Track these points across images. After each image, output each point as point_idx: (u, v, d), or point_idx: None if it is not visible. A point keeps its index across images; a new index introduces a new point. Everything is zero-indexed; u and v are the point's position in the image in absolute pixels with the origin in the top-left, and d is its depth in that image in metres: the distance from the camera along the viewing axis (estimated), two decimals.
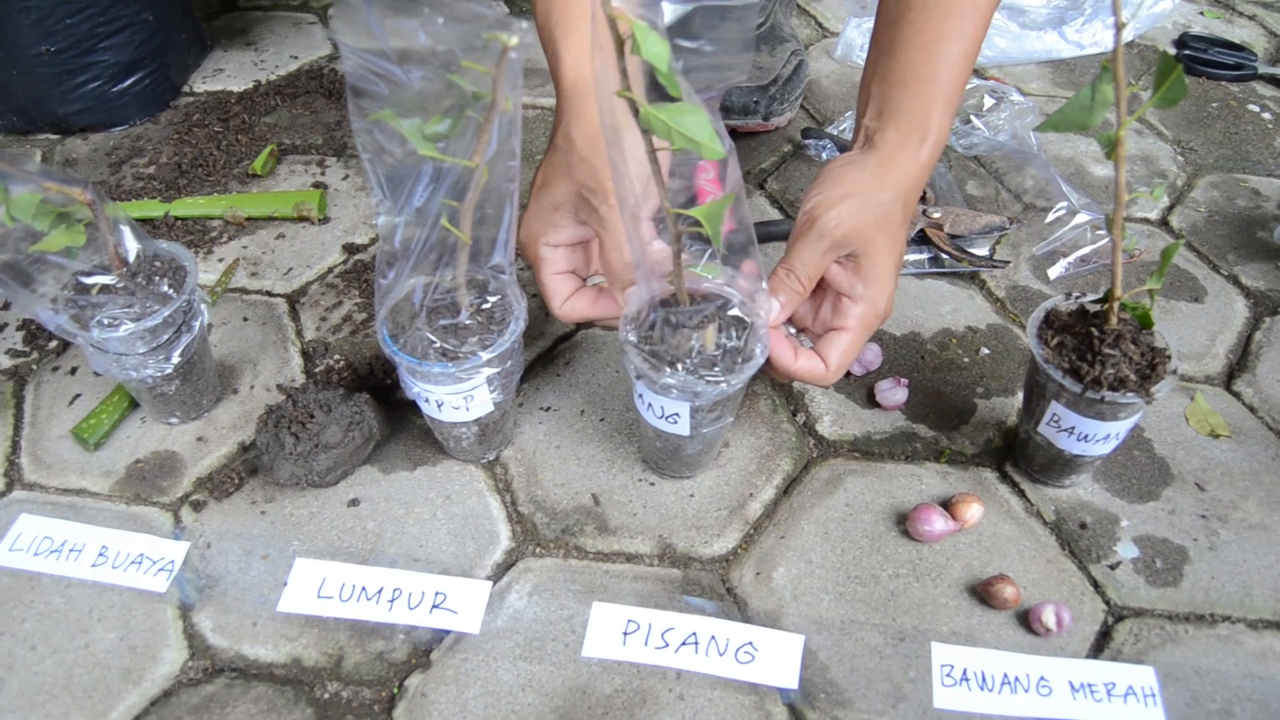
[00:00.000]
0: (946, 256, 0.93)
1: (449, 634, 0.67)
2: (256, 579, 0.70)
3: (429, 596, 0.68)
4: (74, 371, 0.85)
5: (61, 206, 0.66)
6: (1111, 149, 0.57)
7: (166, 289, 0.71)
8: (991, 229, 0.95)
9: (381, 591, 0.68)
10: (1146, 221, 1.01)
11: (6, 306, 0.92)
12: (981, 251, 0.95)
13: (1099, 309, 0.66)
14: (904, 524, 0.72)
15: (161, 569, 0.70)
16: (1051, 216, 0.99)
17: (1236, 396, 0.82)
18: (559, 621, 0.67)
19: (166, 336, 0.72)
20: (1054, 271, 0.94)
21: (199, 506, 0.74)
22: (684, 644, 0.65)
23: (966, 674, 0.64)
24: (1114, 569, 0.70)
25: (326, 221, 1.01)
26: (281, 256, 0.97)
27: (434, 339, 0.66)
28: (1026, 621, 0.66)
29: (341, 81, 1.22)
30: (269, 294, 0.93)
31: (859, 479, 0.76)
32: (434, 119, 0.55)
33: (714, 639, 0.65)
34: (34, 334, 0.88)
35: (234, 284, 0.94)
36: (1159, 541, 0.72)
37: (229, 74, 1.24)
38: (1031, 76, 1.23)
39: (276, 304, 0.92)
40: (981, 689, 0.63)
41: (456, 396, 0.68)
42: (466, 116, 0.55)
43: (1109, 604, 0.68)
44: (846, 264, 0.68)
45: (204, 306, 0.75)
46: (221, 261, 0.96)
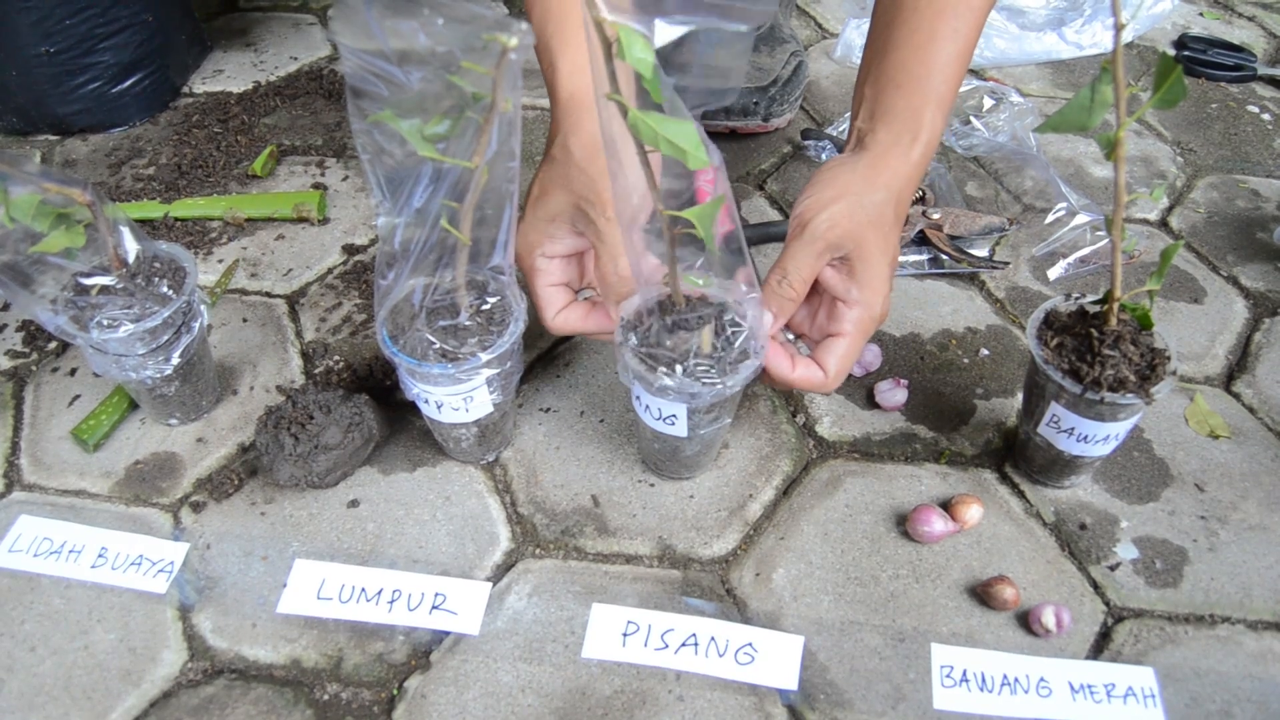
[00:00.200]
0: (946, 257, 0.93)
1: (448, 635, 0.66)
2: (256, 580, 0.70)
3: (428, 598, 0.68)
4: (73, 372, 0.85)
5: (61, 207, 0.66)
6: (1111, 150, 0.57)
7: (166, 290, 0.71)
8: (991, 230, 0.95)
9: (381, 593, 0.68)
10: (1146, 222, 1.01)
11: (6, 307, 0.92)
12: (981, 252, 0.95)
13: (1099, 310, 0.66)
14: (904, 525, 0.72)
15: (161, 570, 0.70)
16: (1051, 217, 0.99)
17: (1236, 397, 0.82)
18: (559, 623, 0.67)
19: (166, 337, 0.72)
20: (1053, 272, 0.94)
21: (198, 508, 0.74)
22: (684, 645, 0.65)
23: (966, 675, 0.64)
24: (1114, 570, 0.70)
25: (326, 222, 1.01)
26: (281, 257, 0.97)
27: (433, 340, 0.66)
28: (1026, 622, 0.66)
29: (341, 82, 1.22)
30: (268, 295, 0.93)
31: (859, 480, 0.76)
32: (434, 120, 0.55)
33: (714, 640, 0.65)
34: (33, 335, 0.88)
35: (233, 285, 0.94)
36: (1159, 542, 0.72)
37: (228, 75, 1.24)
38: (1031, 77, 1.23)
39: (276, 305, 0.92)
40: (981, 690, 0.63)
41: (456, 398, 0.68)
42: (466, 117, 0.55)
43: (1109, 605, 0.68)
44: (840, 267, 0.67)
45: (203, 307, 0.75)
46: (221, 262, 0.96)
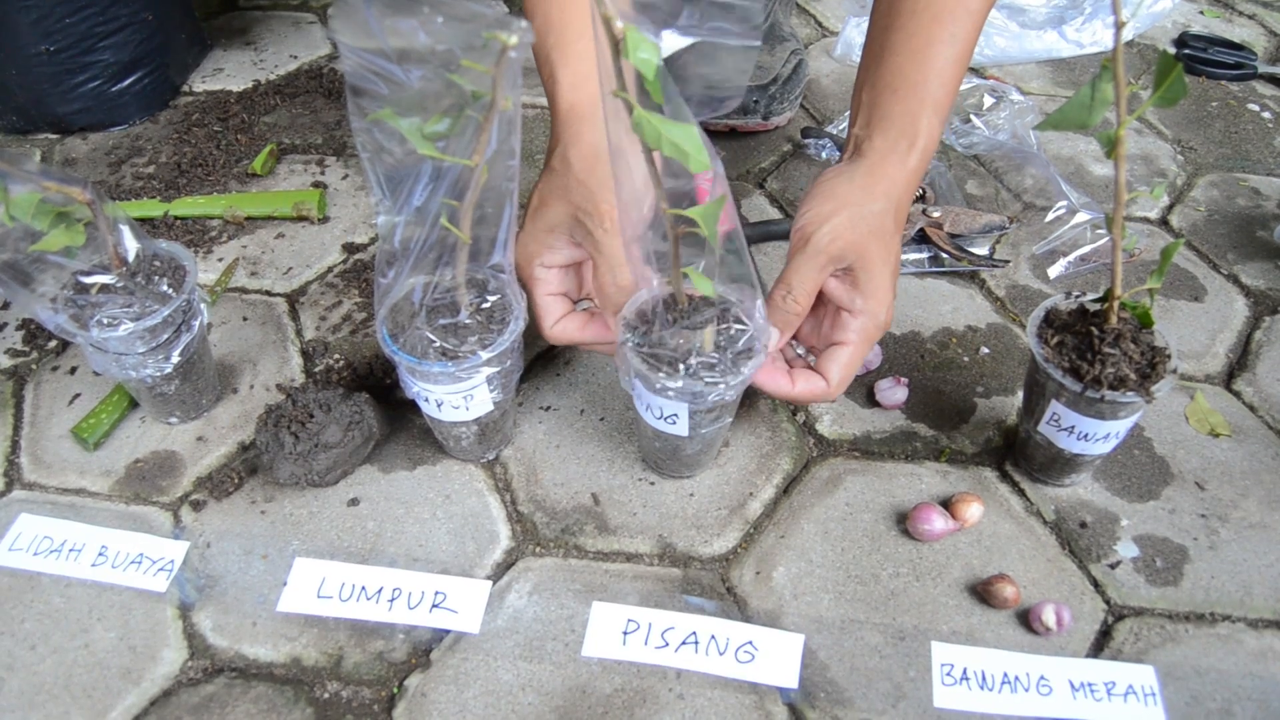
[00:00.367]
0: (946, 256, 0.93)
1: (449, 633, 0.66)
2: (256, 579, 0.70)
3: (429, 596, 0.68)
4: (73, 371, 0.85)
5: (61, 206, 0.66)
6: (1111, 148, 0.57)
7: (166, 288, 0.71)
8: (991, 228, 0.95)
9: (381, 591, 0.68)
10: (1146, 221, 1.01)
11: (6, 306, 0.92)
12: (981, 251, 0.95)
13: (1099, 308, 0.66)
14: (904, 523, 0.72)
15: (161, 569, 0.70)
16: (1051, 216, 0.99)
17: (1236, 395, 0.82)
18: (559, 621, 0.67)
19: (166, 336, 0.72)
20: (1054, 271, 0.94)
21: (199, 506, 0.74)
22: (684, 643, 0.65)
23: (966, 673, 0.64)
24: (1114, 568, 0.70)
25: (326, 221, 1.01)
26: (281, 256, 0.97)
27: (433, 338, 0.66)
28: (1026, 621, 0.66)
29: (341, 81, 1.22)
30: (268, 293, 0.93)
31: (859, 478, 0.76)
32: (433, 118, 0.55)
33: (714, 638, 0.65)
34: (33, 333, 0.88)
35: (233, 283, 0.94)
36: (1159, 540, 0.72)
37: (228, 73, 1.24)
38: (1031, 76, 1.23)
39: (276, 303, 0.92)
40: (981, 688, 0.63)
41: (456, 396, 0.68)
42: (466, 116, 0.55)
43: (1109, 603, 0.68)
44: (844, 277, 0.67)
45: (203, 306, 0.75)
46: (221, 261, 0.96)
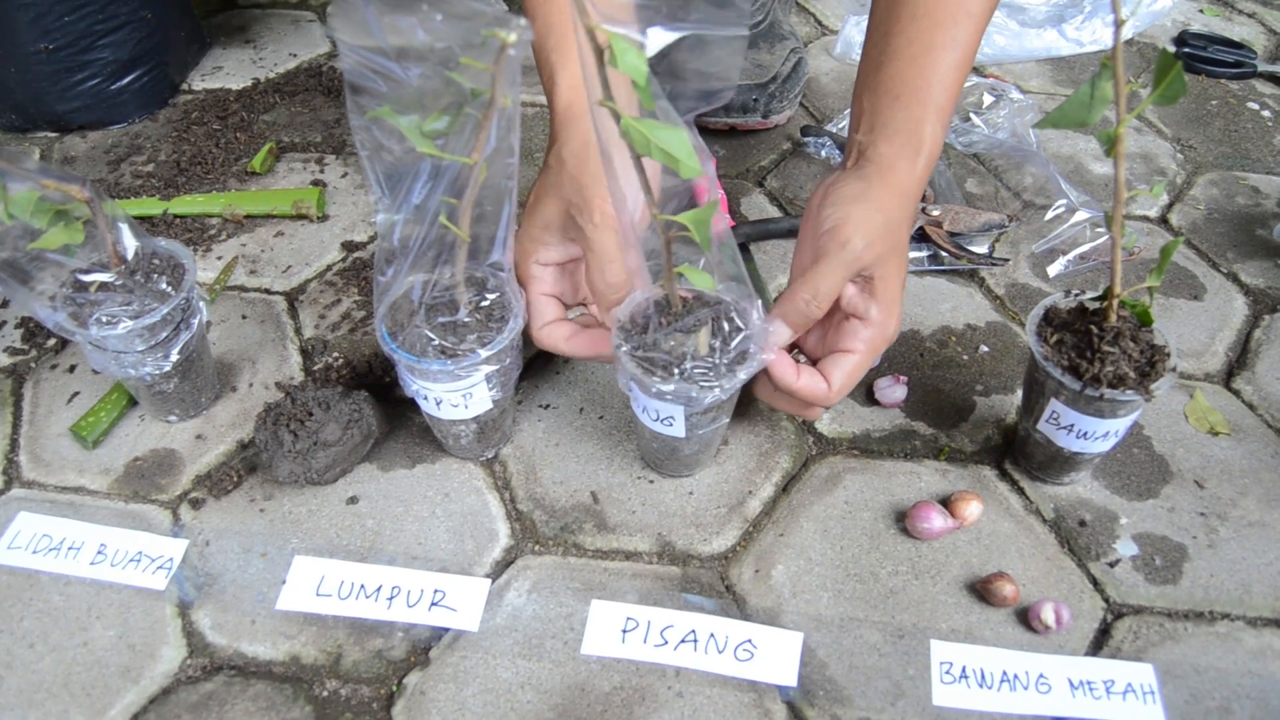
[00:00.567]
0: (946, 254, 0.93)
1: (448, 632, 0.66)
2: (255, 577, 0.70)
3: (428, 594, 0.68)
4: (72, 369, 0.85)
5: (60, 204, 0.66)
6: (1111, 146, 0.57)
7: (165, 287, 0.71)
8: (991, 226, 0.95)
9: (380, 589, 0.68)
10: (1146, 219, 1.01)
11: (5, 304, 0.92)
12: (981, 249, 0.95)
13: (1098, 306, 0.66)
14: (903, 522, 0.72)
15: (160, 567, 0.70)
16: (1051, 214, 0.99)
17: (1236, 394, 0.82)
18: (558, 619, 0.67)
19: (165, 334, 0.72)
20: (1053, 269, 0.94)
21: (198, 504, 0.74)
22: (683, 641, 0.65)
23: (965, 671, 0.64)
24: (1113, 566, 0.70)
25: (325, 219, 1.01)
26: (280, 254, 0.97)
27: (432, 336, 0.66)
28: (1025, 619, 0.66)
29: (340, 79, 1.22)
30: (268, 292, 0.93)
31: (858, 477, 0.76)
32: (432, 116, 0.55)
33: (713, 636, 0.65)
34: (32, 332, 0.88)
35: (233, 282, 0.94)
36: (1158, 539, 0.72)
37: (228, 71, 1.24)
38: (1031, 74, 1.23)
39: (275, 302, 0.92)
40: (980, 686, 0.63)
41: (455, 394, 0.68)
42: (465, 113, 0.55)
43: (1108, 601, 0.68)
44: (861, 285, 0.66)
45: (202, 304, 0.75)
46: (220, 259, 0.96)
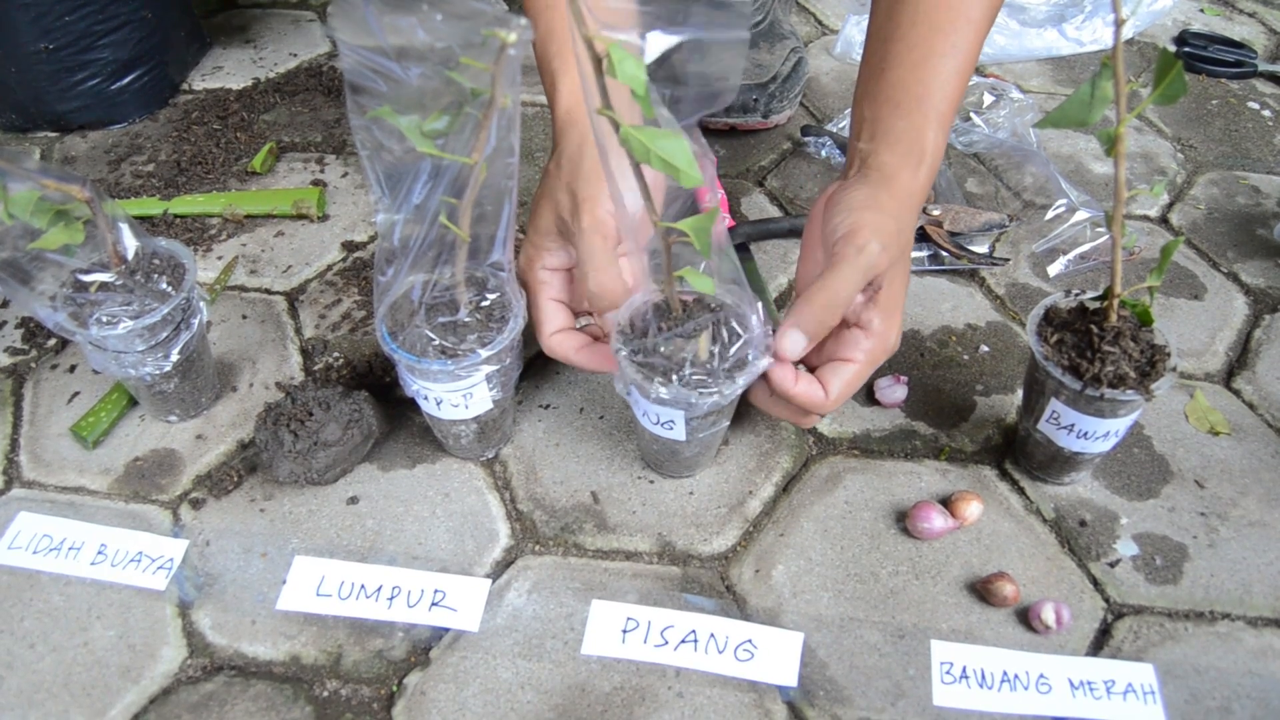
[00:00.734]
0: (946, 254, 0.93)
1: (448, 632, 0.66)
2: (255, 577, 0.70)
3: (428, 594, 0.68)
4: (73, 369, 0.85)
5: (60, 204, 0.66)
6: (1111, 146, 0.57)
7: (165, 286, 0.71)
8: (991, 226, 0.95)
9: (380, 589, 0.68)
10: (1146, 219, 1.01)
11: (5, 304, 0.92)
12: (981, 249, 0.94)
13: (1098, 306, 0.66)
14: (903, 521, 0.72)
15: (160, 567, 0.70)
16: (1051, 214, 0.99)
17: (1236, 394, 0.82)
18: (558, 619, 0.67)
19: (165, 334, 0.71)
20: (1053, 269, 0.94)
21: (198, 504, 0.74)
22: (683, 642, 0.65)
23: (966, 671, 0.64)
24: (1113, 566, 0.70)
25: (325, 219, 1.01)
26: (280, 254, 0.97)
27: (433, 336, 0.66)
28: (1026, 619, 0.66)
29: (340, 79, 1.22)
30: (268, 292, 0.93)
31: (858, 477, 0.76)
32: (432, 116, 0.55)
33: (713, 637, 0.65)
34: (33, 332, 0.88)
35: (233, 282, 0.94)
36: (1159, 539, 0.71)
37: (228, 71, 1.24)
38: (1031, 73, 1.23)
39: (275, 302, 0.91)
40: (981, 686, 0.63)
41: (455, 394, 0.68)
42: (465, 113, 0.55)
43: (1108, 601, 0.68)
44: (867, 293, 0.65)
45: (203, 304, 0.75)
46: (220, 259, 0.96)
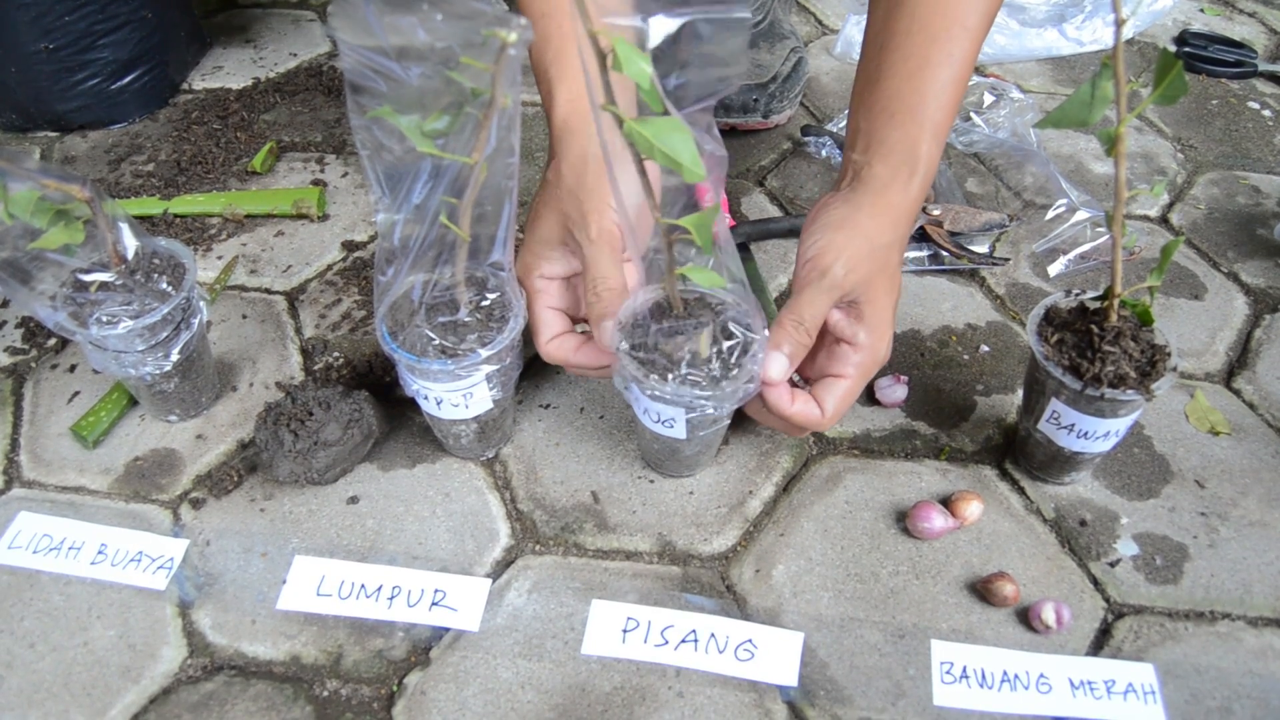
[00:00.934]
0: (946, 254, 0.93)
1: (448, 631, 0.66)
2: (256, 577, 0.70)
3: (428, 594, 0.68)
4: (73, 369, 0.85)
5: (60, 204, 0.66)
6: (1111, 146, 0.57)
7: (165, 286, 0.71)
8: (991, 226, 0.95)
9: (381, 589, 0.68)
10: (1146, 219, 1.01)
11: (5, 304, 0.92)
12: (981, 249, 0.94)
13: (1099, 306, 0.66)
14: (904, 521, 0.72)
15: (161, 567, 0.70)
16: (1051, 214, 0.99)
17: (1236, 394, 0.82)
18: (558, 619, 0.67)
19: (165, 334, 0.71)
20: (1054, 269, 0.94)
21: (198, 504, 0.74)
22: (683, 641, 0.65)
23: (966, 671, 0.64)
24: (1114, 566, 0.70)
25: (326, 219, 1.01)
26: (280, 254, 0.97)
27: (433, 336, 0.66)
28: (1026, 619, 0.66)
29: (341, 78, 1.22)
30: (268, 291, 0.93)
31: (859, 476, 0.76)
32: (433, 116, 0.55)
33: (713, 636, 0.65)
34: (33, 331, 0.88)
35: (233, 281, 0.94)
36: (1159, 539, 0.71)
37: (228, 71, 1.24)
38: (1031, 73, 1.23)
39: (275, 301, 0.91)
40: (981, 686, 0.63)
41: (455, 394, 0.68)
42: (465, 113, 0.55)
43: (1109, 601, 0.68)
44: (848, 310, 0.66)
45: (203, 304, 0.75)
46: (220, 259, 0.96)
